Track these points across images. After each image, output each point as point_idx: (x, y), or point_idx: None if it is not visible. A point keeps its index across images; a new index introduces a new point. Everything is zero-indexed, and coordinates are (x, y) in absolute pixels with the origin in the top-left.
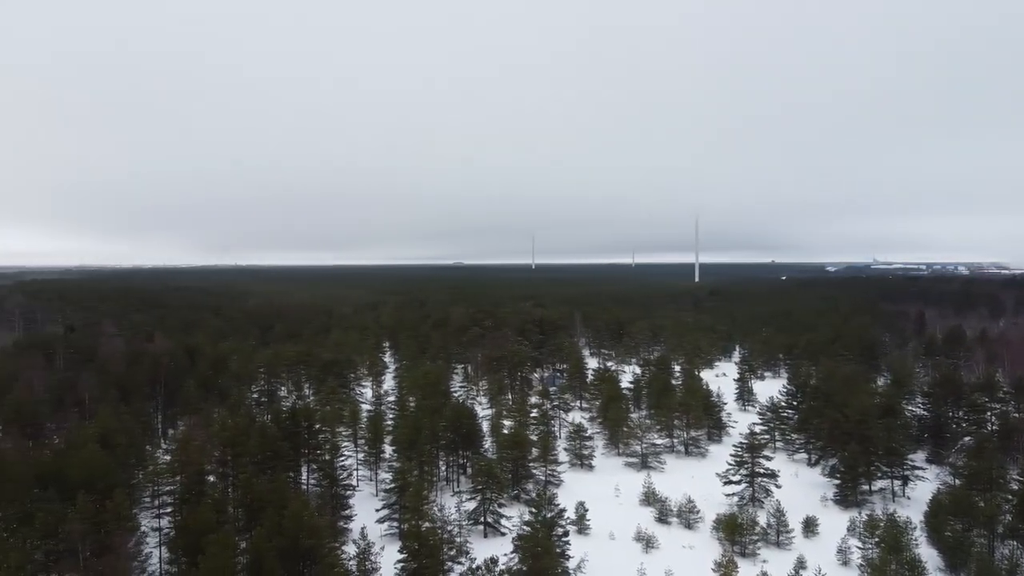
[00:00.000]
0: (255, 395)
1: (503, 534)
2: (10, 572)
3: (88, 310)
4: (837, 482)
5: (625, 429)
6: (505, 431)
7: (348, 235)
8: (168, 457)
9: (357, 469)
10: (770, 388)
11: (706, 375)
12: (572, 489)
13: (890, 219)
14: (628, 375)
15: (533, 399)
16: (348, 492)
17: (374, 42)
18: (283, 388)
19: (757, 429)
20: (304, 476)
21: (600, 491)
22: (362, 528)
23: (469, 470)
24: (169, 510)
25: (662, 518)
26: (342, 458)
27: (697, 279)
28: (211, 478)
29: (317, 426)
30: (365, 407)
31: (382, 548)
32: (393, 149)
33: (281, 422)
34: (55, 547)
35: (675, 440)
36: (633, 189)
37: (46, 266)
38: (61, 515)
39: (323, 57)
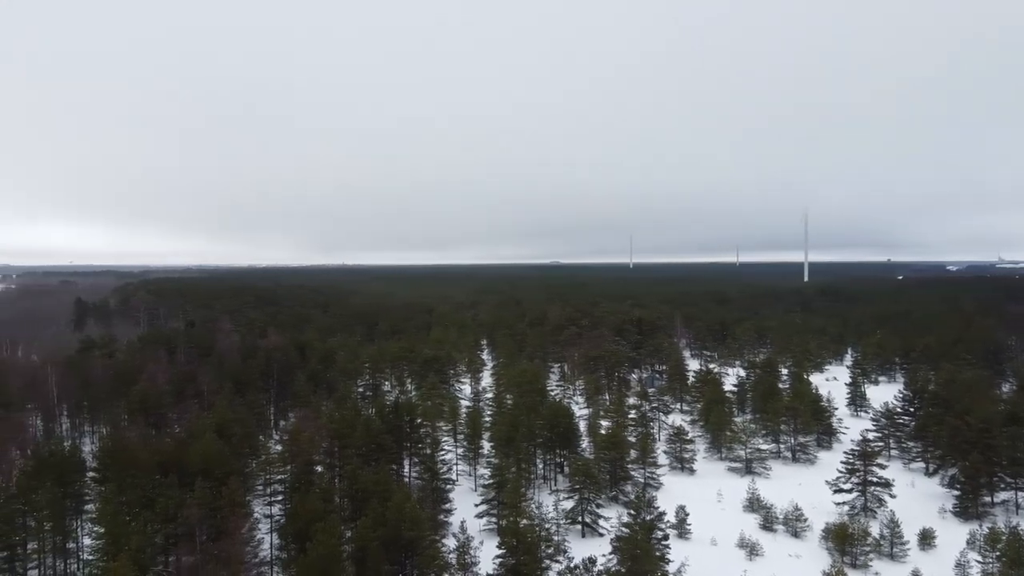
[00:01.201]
0: (360, 389)
1: (601, 535)
2: (132, 554)
3: (207, 307)
4: (956, 493)
5: (728, 433)
6: (602, 431)
7: (448, 235)
8: (279, 447)
9: (456, 464)
10: (885, 393)
11: (815, 379)
12: (672, 492)
13: (1017, 215)
14: (731, 378)
15: (631, 400)
16: (448, 486)
17: (472, 48)
18: (387, 383)
19: (870, 436)
20: (406, 469)
21: (701, 495)
22: (461, 522)
23: (566, 469)
24: (280, 498)
25: (767, 525)
26: (442, 452)
27: (806, 278)
28: (319, 468)
29: (418, 420)
30: (464, 403)
31: (481, 542)
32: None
33: (384, 416)
34: (174, 531)
35: (781, 445)
36: (737, 185)
37: (168, 265)
38: (180, 500)
39: (421, 66)
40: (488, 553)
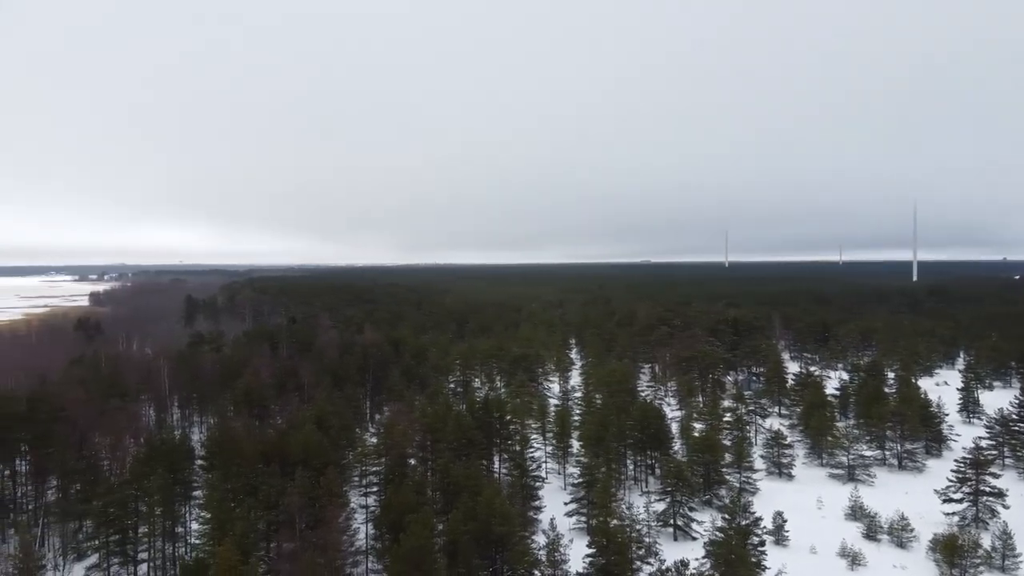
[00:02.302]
0: (452, 385)
1: (694, 538)
2: (236, 539)
3: (307, 305)
4: None
5: (829, 438)
6: (696, 434)
7: (536, 235)
8: (375, 440)
9: (546, 462)
10: (999, 399)
11: (924, 383)
12: (769, 498)
13: None
14: (834, 381)
15: (726, 402)
16: (537, 483)
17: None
18: (477, 380)
19: (984, 444)
20: (496, 465)
21: (800, 502)
22: (551, 519)
23: (658, 471)
24: (375, 489)
25: (870, 535)
26: (531, 450)
27: (915, 278)
28: (412, 461)
29: (508, 417)
30: (553, 401)
31: (570, 540)
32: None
33: (475, 412)
34: (275, 518)
35: (887, 452)
36: (841, 181)
37: (272, 265)
38: (281, 489)
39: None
40: (578, 552)
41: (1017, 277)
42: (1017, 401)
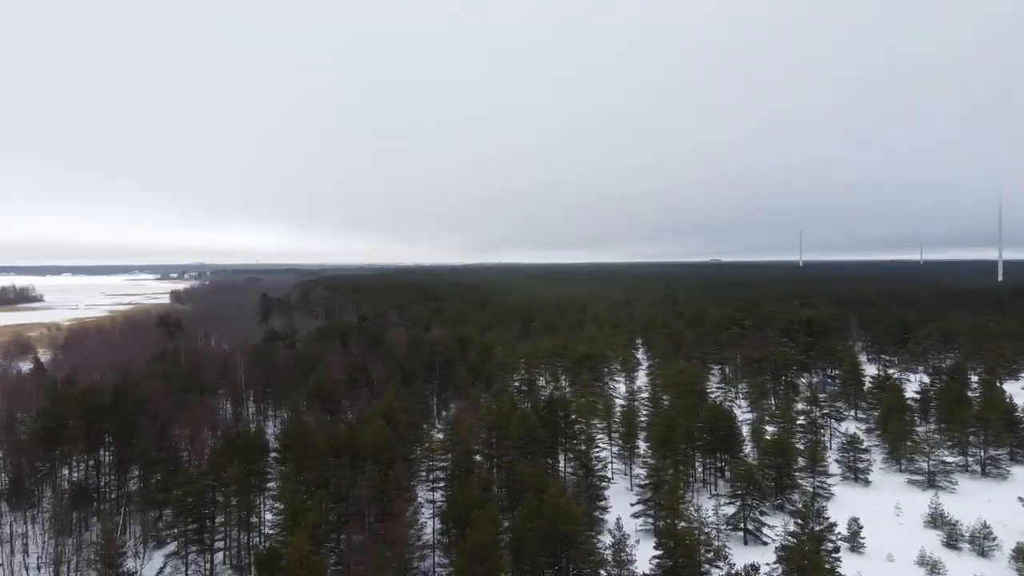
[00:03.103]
0: (516, 383)
1: (765, 543)
2: (308, 530)
3: (377, 302)
4: None
5: (908, 443)
6: (767, 437)
7: (602, 233)
8: (441, 436)
9: (612, 462)
10: None
11: (1010, 387)
12: (844, 503)
13: None
14: (913, 384)
15: (800, 405)
16: (603, 483)
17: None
18: (541, 378)
19: None
20: (561, 464)
21: (877, 508)
22: (617, 519)
23: (727, 474)
24: (442, 484)
25: (951, 543)
26: (597, 450)
27: (1000, 277)
28: (478, 458)
29: (573, 417)
30: (619, 402)
31: (637, 541)
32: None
33: (539, 410)
34: (345, 510)
35: (969, 458)
36: (920, 177)
37: (343, 264)
38: (351, 482)
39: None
40: (644, 553)
41: None
42: None
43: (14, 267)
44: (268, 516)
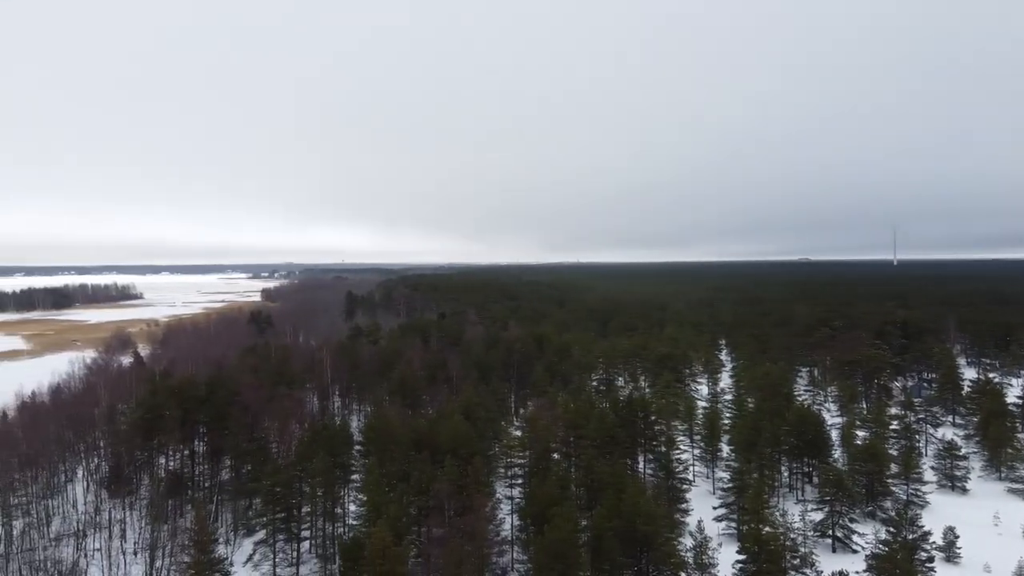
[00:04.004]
0: (594, 383)
1: (854, 551)
2: (390, 521)
3: (455, 301)
4: None
5: (1010, 450)
6: (858, 442)
7: (684, 231)
8: (519, 433)
9: (693, 465)
10: None
11: None
12: (939, 512)
13: None
14: (1015, 388)
15: (893, 410)
16: (684, 486)
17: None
18: (620, 378)
19: None
20: (640, 465)
21: (974, 517)
22: (698, 522)
23: (815, 479)
24: (519, 481)
25: None
26: (678, 451)
27: None
28: (556, 456)
29: (653, 417)
30: (701, 403)
31: (719, 545)
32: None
33: (618, 410)
34: (426, 503)
35: None
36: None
37: (423, 263)
38: (432, 476)
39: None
40: (727, 557)
41: None
42: None
43: (117, 266)
44: (352, 507)
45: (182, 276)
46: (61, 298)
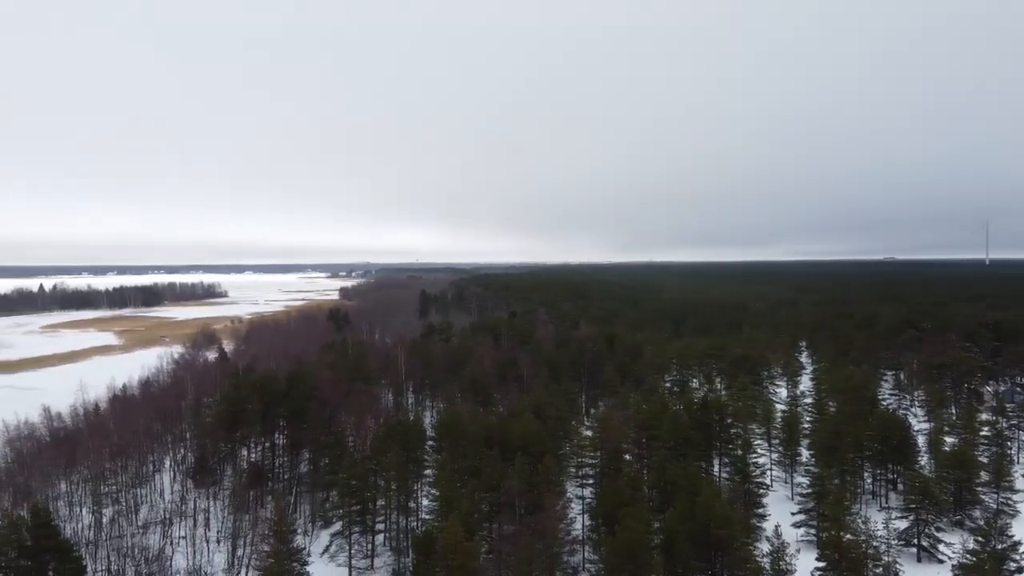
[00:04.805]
0: (668, 384)
1: (940, 561)
2: (462, 517)
3: (526, 300)
4: None
5: None
6: (946, 448)
7: (761, 230)
8: (590, 433)
9: (771, 469)
10: None
11: None
12: None
13: None
14: None
15: (984, 415)
16: (761, 490)
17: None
18: (694, 380)
19: None
20: (715, 468)
21: None
22: (776, 527)
23: (900, 486)
24: (590, 481)
25: None
26: (754, 455)
27: None
28: (627, 457)
29: (728, 420)
30: (779, 407)
31: (797, 551)
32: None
33: (692, 412)
34: (497, 500)
35: None
36: None
37: (495, 263)
38: (502, 473)
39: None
40: (805, 564)
41: None
42: None
43: (204, 266)
44: (424, 501)
45: (264, 275)
46: (151, 296)
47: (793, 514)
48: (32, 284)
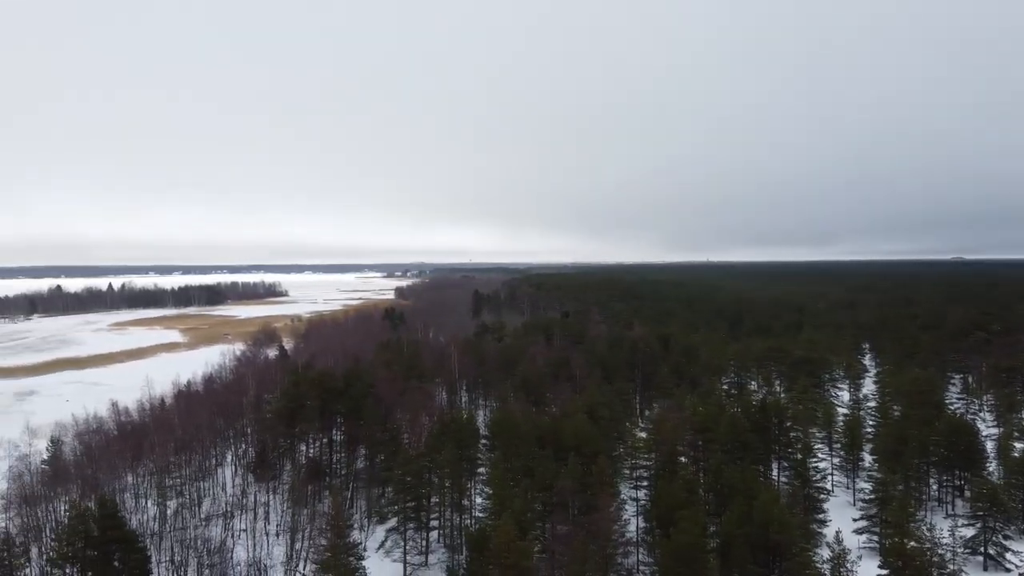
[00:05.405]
0: (724, 386)
1: (1008, 570)
2: (515, 515)
3: (578, 299)
4: None
5: None
6: (1016, 454)
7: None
8: (644, 434)
9: (832, 474)
10: None
11: None
12: None
13: None
14: None
15: None
16: (822, 495)
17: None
18: (752, 382)
19: None
20: (774, 472)
21: None
22: (837, 532)
23: (967, 493)
24: (645, 483)
25: None
26: (815, 460)
27: None
28: (683, 459)
29: (788, 424)
30: (841, 410)
31: (859, 558)
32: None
33: (751, 414)
34: (550, 499)
35: None
36: None
37: (547, 263)
38: (555, 473)
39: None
40: (867, 571)
41: None
42: None
43: (265, 265)
44: (478, 499)
45: (323, 275)
46: (214, 295)
47: (855, 520)
48: (101, 283)
